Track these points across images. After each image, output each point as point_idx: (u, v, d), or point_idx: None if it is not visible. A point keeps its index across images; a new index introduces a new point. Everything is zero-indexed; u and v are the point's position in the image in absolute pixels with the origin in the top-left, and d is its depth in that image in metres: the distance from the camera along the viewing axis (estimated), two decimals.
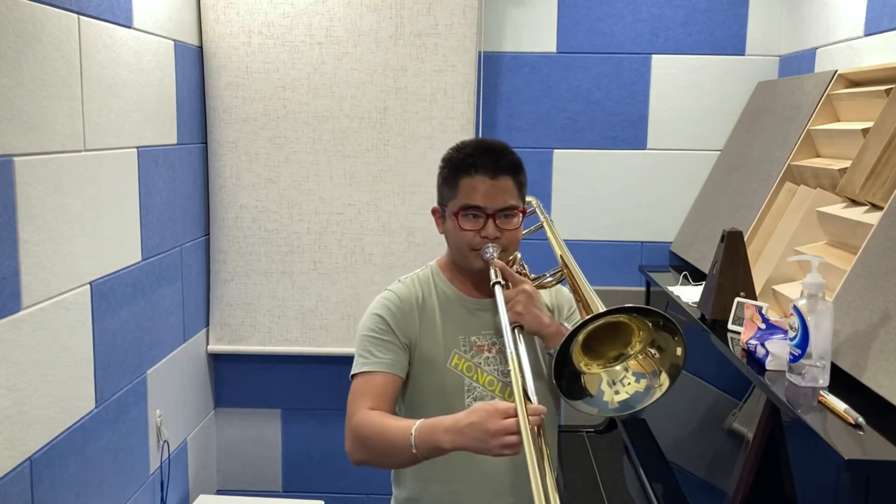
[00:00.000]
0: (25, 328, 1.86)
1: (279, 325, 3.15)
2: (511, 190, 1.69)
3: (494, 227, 1.67)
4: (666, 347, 1.44)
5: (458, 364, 1.72)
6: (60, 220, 2.00)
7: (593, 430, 2.80)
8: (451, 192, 1.71)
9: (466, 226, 1.68)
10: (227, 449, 3.29)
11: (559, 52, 3.15)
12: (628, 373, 1.48)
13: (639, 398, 1.46)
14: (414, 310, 1.73)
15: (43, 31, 1.91)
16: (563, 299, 1.85)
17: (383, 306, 1.73)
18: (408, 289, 1.76)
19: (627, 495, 2.37)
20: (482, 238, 1.68)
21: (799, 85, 2.65)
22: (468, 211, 1.68)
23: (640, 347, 1.47)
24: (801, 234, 2.20)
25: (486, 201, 1.66)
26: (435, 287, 1.78)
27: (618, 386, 1.48)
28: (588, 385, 1.46)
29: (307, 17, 3.00)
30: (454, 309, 1.76)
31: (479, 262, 1.70)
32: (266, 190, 3.08)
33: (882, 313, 1.62)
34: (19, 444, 1.84)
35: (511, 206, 1.69)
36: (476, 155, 1.68)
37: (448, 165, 1.73)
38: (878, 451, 1.41)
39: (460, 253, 1.72)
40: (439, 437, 1.47)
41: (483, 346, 1.74)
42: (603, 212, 3.21)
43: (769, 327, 1.87)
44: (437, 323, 1.74)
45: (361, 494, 3.29)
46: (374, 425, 1.59)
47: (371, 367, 1.68)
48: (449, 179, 1.71)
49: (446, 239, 1.77)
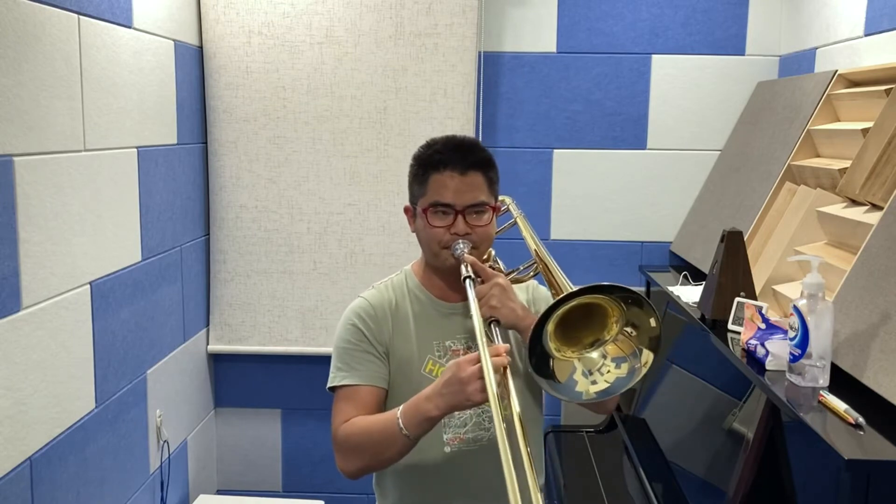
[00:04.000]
0: (25, 328, 1.86)
1: (279, 325, 3.15)
2: (481, 186, 1.67)
3: (464, 223, 1.65)
4: (640, 323, 1.43)
5: (432, 370, 1.71)
6: (60, 220, 2.00)
7: (593, 430, 2.80)
8: (420, 189, 1.70)
9: (436, 223, 1.66)
10: (227, 449, 3.29)
11: (559, 52, 3.15)
12: (607, 359, 1.46)
13: (622, 383, 1.45)
14: (387, 316, 1.72)
15: (43, 31, 1.91)
16: (540, 296, 1.83)
17: (357, 315, 1.72)
18: (381, 294, 1.75)
19: (627, 495, 2.37)
20: (452, 235, 1.66)
21: (799, 85, 2.65)
22: (437, 208, 1.66)
23: (617, 329, 1.46)
24: (801, 234, 2.20)
25: (455, 198, 1.65)
26: (408, 291, 1.76)
27: (595, 376, 1.46)
28: (557, 371, 1.45)
29: (307, 17, 3.00)
30: (427, 313, 1.74)
31: (450, 260, 1.68)
32: (266, 190, 3.08)
33: (882, 313, 1.62)
34: (19, 444, 1.84)
35: (481, 203, 1.67)
36: (445, 151, 1.67)
37: (418, 162, 1.72)
38: (878, 451, 1.41)
39: (430, 251, 1.70)
40: (424, 406, 1.49)
41: (458, 350, 1.72)
42: (603, 212, 3.21)
43: (769, 327, 1.87)
44: (410, 328, 1.72)
45: (361, 494, 3.29)
46: (359, 428, 1.60)
47: (353, 381, 1.68)
48: (419, 176, 1.70)
49: (417, 237, 1.75)
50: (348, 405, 1.66)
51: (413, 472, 1.70)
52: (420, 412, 1.50)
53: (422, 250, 1.77)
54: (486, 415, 1.70)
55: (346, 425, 1.63)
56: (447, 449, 1.69)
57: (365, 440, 1.59)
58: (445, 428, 1.69)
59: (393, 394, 1.71)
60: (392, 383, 1.71)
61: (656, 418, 2.51)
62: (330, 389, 1.71)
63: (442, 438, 1.69)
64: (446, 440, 1.69)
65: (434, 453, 1.68)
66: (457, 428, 1.70)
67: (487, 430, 1.71)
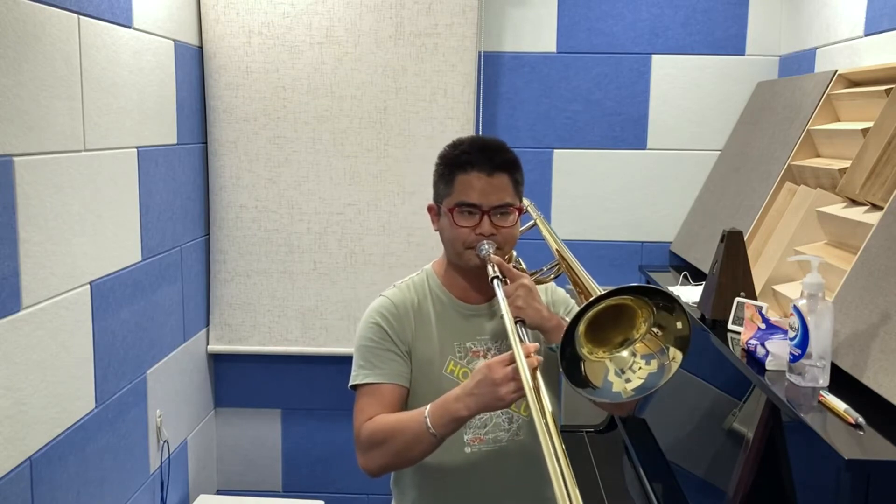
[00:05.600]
0: (25, 328, 1.86)
1: (279, 325, 3.15)
2: (507, 187, 1.68)
3: (490, 224, 1.66)
4: (667, 325, 1.43)
5: (453, 370, 1.71)
6: (60, 220, 2.00)
7: (593, 430, 2.80)
8: (446, 189, 1.69)
9: (461, 222, 1.67)
10: (227, 449, 3.29)
11: (559, 52, 3.15)
12: (637, 357, 1.46)
13: (654, 379, 1.44)
14: (410, 315, 1.72)
15: (43, 31, 1.91)
16: (558, 298, 1.83)
17: (379, 314, 1.72)
18: (403, 294, 1.75)
19: (627, 495, 2.37)
20: (477, 235, 1.66)
21: (799, 85, 2.65)
22: (463, 208, 1.66)
23: (646, 328, 1.45)
24: (801, 234, 2.20)
25: (482, 198, 1.65)
26: (430, 292, 1.76)
27: (627, 374, 1.45)
28: (590, 374, 1.44)
29: (307, 17, 3.00)
30: (449, 314, 1.74)
31: (474, 260, 1.68)
32: (266, 190, 3.08)
33: (882, 313, 1.62)
34: (19, 444, 1.84)
35: (507, 204, 1.67)
36: (472, 152, 1.67)
37: (444, 162, 1.71)
38: (878, 451, 1.41)
39: (455, 250, 1.70)
40: (453, 407, 1.48)
41: (478, 351, 1.73)
42: (603, 212, 3.21)
43: (769, 327, 1.87)
44: (432, 329, 1.73)
45: (361, 494, 3.30)
46: (384, 426, 1.58)
47: (375, 379, 1.67)
48: (445, 176, 1.70)
49: (441, 237, 1.75)
50: (371, 403, 1.65)
51: (433, 472, 1.70)
52: (449, 412, 1.49)
53: (444, 250, 1.77)
54: (506, 416, 1.71)
55: (369, 423, 1.62)
56: (467, 449, 1.70)
57: (390, 438, 1.57)
58: (466, 428, 1.69)
59: (413, 394, 1.71)
60: (412, 383, 1.71)
61: (656, 418, 2.51)
62: (352, 388, 1.71)
63: (463, 439, 1.69)
64: (467, 440, 1.70)
65: (454, 453, 1.68)
66: (477, 429, 1.70)
67: (507, 431, 1.72)
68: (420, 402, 1.69)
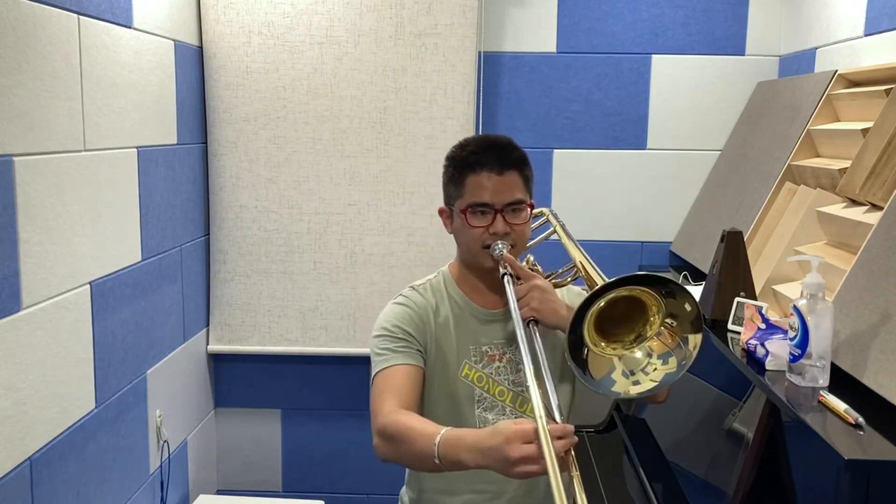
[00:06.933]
0: (25, 328, 1.86)
1: (279, 325, 3.15)
2: (518, 184, 1.68)
3: (504, 222, 1.66)
4: (679, 312, 1.41)
5: (468, 374, 1.71)
6: (60, 220, 2.00)
7: (593, 430, 2.80)
8: (457, 191, 1.69)
9: (475, 223, 1.67)
10: (227, 449, 3.29)
11: (559, 52, 3.15)
12: (652, 357, 1.43)
13: (671, 377, 1.42)
14: (429, 318, 1.72)
15: (43, 31, 1.91)
16: (574, 299, 1.82)
17: (398, 315, 1.71)
18: (421, 297, 1.75)
19: (627, 495, 2.36)
20: (491, 234, 1.66)
21: (799, 85, 2.65)
22: (476, 208, 1.67)
23: (659, 323, 1.43)
24: (801, 234, 2.20)
25: (494, 197, 1.66)
26: (447, 295, 1.76)
27: (637, 376, 1.42)
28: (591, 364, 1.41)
29: (307, 17, 3.00)
30: (466, 318, 1.74)
31: (489, 261, 1.68)
32: (266, 190, 3.08)
33: (882, 313, 1.62)
34: (19, 444, 1.84)
35: (519, 200, 1.68)
36: (481, 151, 1.67)
37: (453, 164, 1.71)
38: (878, 451, 1.41)
39: (470, 252, 1.71)
40: (462, 454, 1.40)
41: (494, 355, 1.73)
42: (603, 212, 3.21)
43: (769, 327, 1.87)
44: (450, 332, 1.73)
45: (361, 494, 3.29)
46: (402, 428, 1.52)
47: (390, 363, 1.65)
48: (455, 178, 1.70)
49: (456, 239, 1.75)
50: (386, 387, 1.61)
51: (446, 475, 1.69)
52: (457, 454, 1.41)
53: (458, 251, 1.77)
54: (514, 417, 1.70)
55: (390, 414, 1.54)
56: None
57: (401, 442, 1.53)
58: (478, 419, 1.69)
59: (429, 395, 1.71)
60: (429, 384, 1.70)
61: (656, 418, 2.51)
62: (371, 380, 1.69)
63: (476, 425, 1.68)
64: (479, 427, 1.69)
65: None
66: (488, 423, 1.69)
67: None
68: (434, 403, 1.68)
